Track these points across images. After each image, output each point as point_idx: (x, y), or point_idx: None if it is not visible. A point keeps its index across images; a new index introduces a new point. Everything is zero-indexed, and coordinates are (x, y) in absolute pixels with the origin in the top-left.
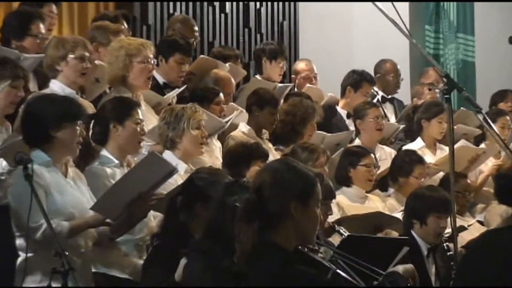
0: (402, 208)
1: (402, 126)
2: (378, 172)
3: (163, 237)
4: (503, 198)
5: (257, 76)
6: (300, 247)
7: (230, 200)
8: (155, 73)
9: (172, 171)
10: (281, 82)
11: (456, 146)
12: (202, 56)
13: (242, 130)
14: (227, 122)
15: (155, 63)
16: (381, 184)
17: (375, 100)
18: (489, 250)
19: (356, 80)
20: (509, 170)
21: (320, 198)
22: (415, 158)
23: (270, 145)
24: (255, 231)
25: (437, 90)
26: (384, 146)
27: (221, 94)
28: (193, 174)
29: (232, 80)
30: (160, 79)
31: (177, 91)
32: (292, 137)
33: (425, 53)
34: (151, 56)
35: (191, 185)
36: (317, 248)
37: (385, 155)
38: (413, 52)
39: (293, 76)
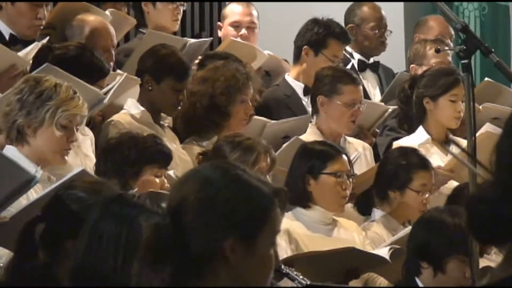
0: (393, 238)
1: (392, 109)
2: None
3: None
4: None
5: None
6: None
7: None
8: None
9: (29, 181)
10: (195, 38)
11: (479, 133)
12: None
13: (131, 112)
14: (107, 93)
15: None
16: (361, 202)
17: (349, 67)
18: None
19: (318, 36)
20: None
21: (278, 231)
22: (416, 161)
23: (174, 136)
24: (164, 280)
25: (449, 52)
26: (352, 140)
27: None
28: (63, 190)
29: (111, 30)
30: (6, 30)
31: (37, 45)
32: (213, 124)
33: None
34: None
35: (59, 209)
36: None
37: (357, 154)
38: None
39: (219, 23)
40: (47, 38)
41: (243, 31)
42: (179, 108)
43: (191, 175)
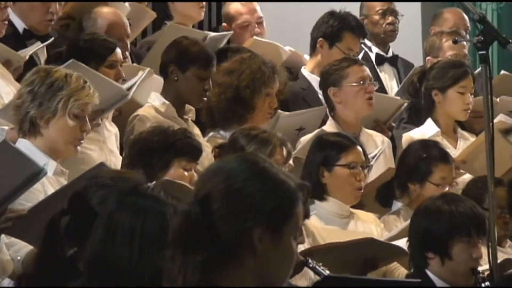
0: (401, 227)
1: (408, 102)
2: (372, 176)
3: (37, 279)
4: None
5: (171, 23)
6: None
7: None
8: (12, 16)
9: (38, 173)
10: (213, 31)
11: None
12: None
13: (155, 104)
14: (129, 88)
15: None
16: (382, 194)
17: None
18: None
19: (333, 29)
20: None
21: (300, 225)
22: (436, 154)
23: (197, 130)
24: (197, 267)
25: (465, 44)
26: (372, 132)
27: (118, 50)
28: (89, 181)
29: (125, 20)
30: (20, 25)
31: (38, 45)
32: (237, 116)
33: None
34: None
35: (83, 201)
36: None
37: (375, 146)
38: None
39: (224, 24)
40: (51, 39)
41: (256, 29)
42: (205, 99)
43: (220, 166)
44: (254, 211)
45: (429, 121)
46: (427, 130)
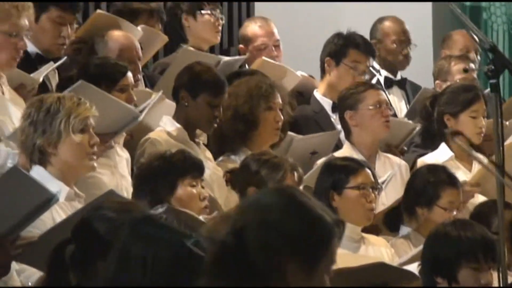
0: (412, 253)
1: (420, 126)
2: (384, 202)
3: None
4: None
5: (186, 46)
6: None
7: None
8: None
9: (49, 199)
10: (224, 53)
11: (506, 143)
12: (98, 11)
13: (167, 129)
14: (142, 111)
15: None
16: (390, 218)
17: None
18: None
19: (337, 46)
20: None
21: (335, 260)
22: (444, 178)
23: (209, 154)
24: None
25: (474, 70)
26: (389, 155)
27: (130, 74)
28: (92, 211)
29: (136, 43)
30: (32, 49)
31: (51, 65)
32: (239, 134)
33: (456, 11)
34: (25, 24)
35: (88, 229)
36: None
37: (392, 169)
38: (439, 10)
39: (240, 46)
40: (63, 59)
41: (273, 52)
42: (215, 125)
43: (258, 199)
44: (290, 245)
45: (443, 145)
46: (441, 155)
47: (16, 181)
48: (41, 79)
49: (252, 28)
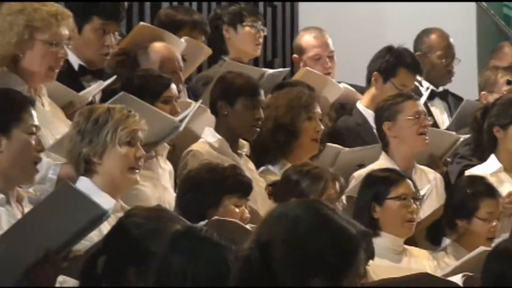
0: (457, 264)
1: (464, 137)
2: (425, 212)
3: None
4: None
5: (227, 59)
6: None
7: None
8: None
9: (101, 216)
10: (268, 65)
11: None
12: (142, 23)
13: (209, 140)
14: (182, 120)
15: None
16: (432, 232)
17: (423, 99)
18: None
19: (388, 64)
20: None
21: (361, 274)
22: (482, 189)
23: (252, 165)
24: None
25: None
26: (425, 168)
27: (173, 86)
28: (122, 218)
29: (177, 54)
30: (75, 61)
31: (101, 84)
32: (280, 144)
33: (500, 23)
34: (65, 33)
35: (119, 237)
36: None
37: (428, 182)
38: (483, 20)
39: (294, 56)
40: (112, 79)
41: (328, 63)
42: (258, 129)
43: (283, 212)
44: (315, 260)
45: (492, 157)
46: (489, 166)
47: (68, 197)
48: (90, 99)
49: (306, 38)
